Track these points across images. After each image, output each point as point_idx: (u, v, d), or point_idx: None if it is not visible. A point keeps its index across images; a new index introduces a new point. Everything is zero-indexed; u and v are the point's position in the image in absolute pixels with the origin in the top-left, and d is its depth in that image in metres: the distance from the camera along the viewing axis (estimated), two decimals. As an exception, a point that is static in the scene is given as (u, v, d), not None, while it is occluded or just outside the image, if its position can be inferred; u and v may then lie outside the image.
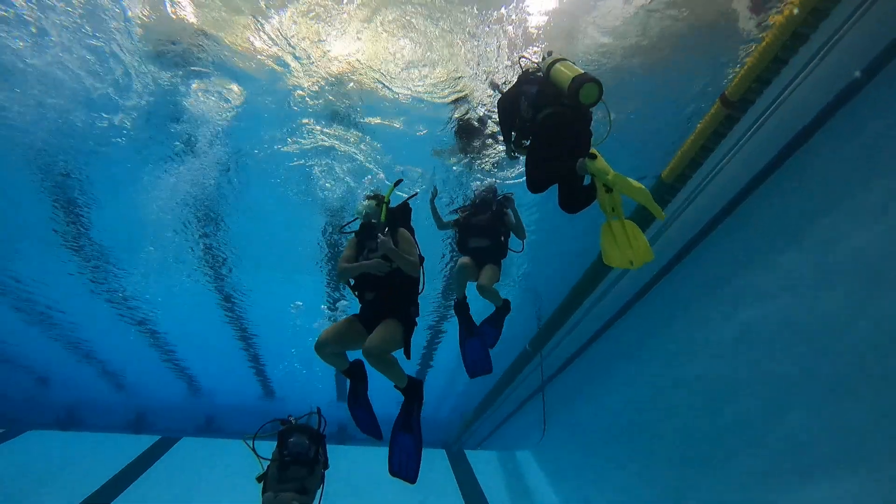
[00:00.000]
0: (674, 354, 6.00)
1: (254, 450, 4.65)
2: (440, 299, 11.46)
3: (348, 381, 4.31)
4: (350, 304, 10.18)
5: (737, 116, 4.82)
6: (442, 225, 5.54)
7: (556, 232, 8.58)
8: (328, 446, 4.94)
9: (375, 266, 3.80)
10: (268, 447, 4.62)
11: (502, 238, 5.31)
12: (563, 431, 9.02)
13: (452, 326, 11.82)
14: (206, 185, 8.12)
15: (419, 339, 13.33)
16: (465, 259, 5.13)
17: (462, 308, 5.26)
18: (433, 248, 9.42)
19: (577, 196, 3.77)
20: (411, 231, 4.13)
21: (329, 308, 11.26)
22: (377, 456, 4.14)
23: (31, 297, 12.07)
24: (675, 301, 6.24)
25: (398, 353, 3.92)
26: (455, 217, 5.51)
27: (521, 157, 4.25)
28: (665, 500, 5.46)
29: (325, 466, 4.88)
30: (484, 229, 5.26)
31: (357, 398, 4.28)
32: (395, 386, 3.98)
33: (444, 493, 7.99)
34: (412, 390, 4.01)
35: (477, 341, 5.21)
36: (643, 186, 3.35)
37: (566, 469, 8.24)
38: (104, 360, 15.72)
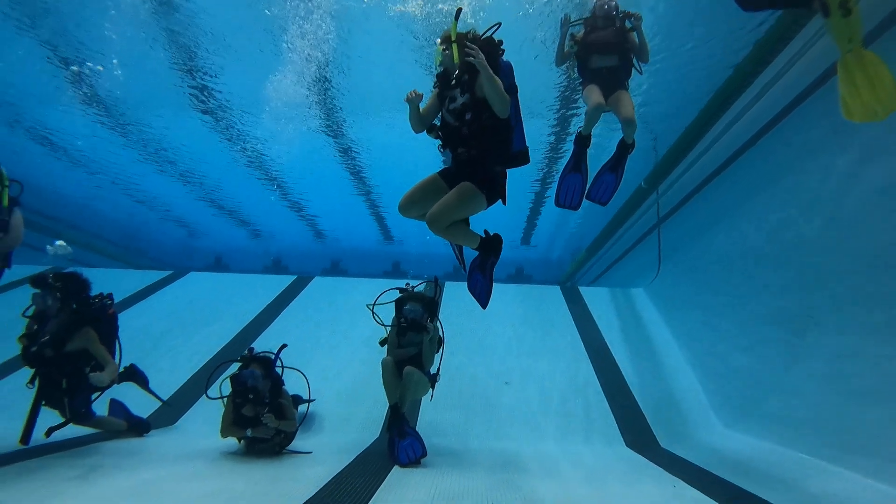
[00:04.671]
0: (806, 193, 5.45)
1: (374, 314, 5.03)
2: (552, 138, 11.16)
3: None
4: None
5: None
6: (562, 57, 5.16)
7: (679, 57, 7.84)
8: (447, 283, 5.20)
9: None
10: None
11: (630, 55, 4.89)
12: (678, 269, 8.87)
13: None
14: (317, 37, 8.54)
15: (530, 182, 13.29)
16: (596, 97, 4.79)
17: (583, 142, 5.10)
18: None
19: None
20: (498, 74, 3.59)
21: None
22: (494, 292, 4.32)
23: (175, 158, 13.40)
24: (810, 136, 5.54)
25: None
26: (572, 34, 5.07)
27: None
28: (783, 338, 5.33)
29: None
30: (609, 45, 4.80)
31: None
32: (471, 247, 3.95)
33: (559, 324, 8.34)
34: (487, 247, 3.98)
35: (578, 178, 5.20)
36: None
37: (680, 306, 8.21)
38: (242, 212, 17.46)
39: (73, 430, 4.84)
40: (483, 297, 4.17)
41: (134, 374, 5.18)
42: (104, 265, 15.80)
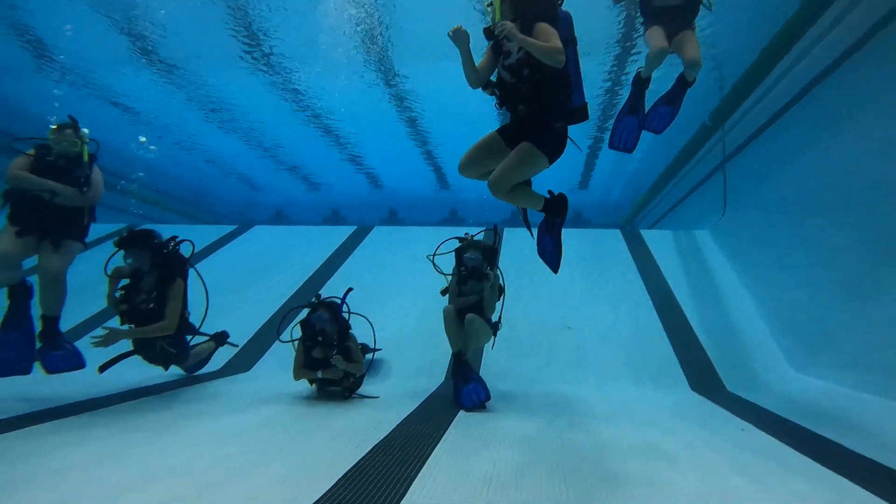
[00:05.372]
0: (885, 129, 5.04)
1: (434, 265, 5.09)
2: (608, 81, 10.75)
3: None
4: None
5: None
6: None
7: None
8: (506, 230, 5.17)
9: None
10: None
11: None
12: (745, 209, 8.50)
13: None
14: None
15: (587, 126, 12.89)
16: (659, 40, 4.55)
17: (641, 85, 4.89)
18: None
19: None
20: (555, 25, 3.36)
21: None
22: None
23: (236, 116, 13.73)
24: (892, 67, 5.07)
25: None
26: None
27: None
28: (854, 280, 5.07)
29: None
30: None
31: None
32: (535, 209, 3.86)
33: (620, 268, 8.24)
34: (552, 209, 3.88)
35: (634, 120, 5.03)
36: None
37: (747, 247, 7.90)
38: (302, 166, 17.83)
39: (160, 377, 5.21)
40: (553, 262, 4.07)
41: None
42: (174, 221, 16.59)
